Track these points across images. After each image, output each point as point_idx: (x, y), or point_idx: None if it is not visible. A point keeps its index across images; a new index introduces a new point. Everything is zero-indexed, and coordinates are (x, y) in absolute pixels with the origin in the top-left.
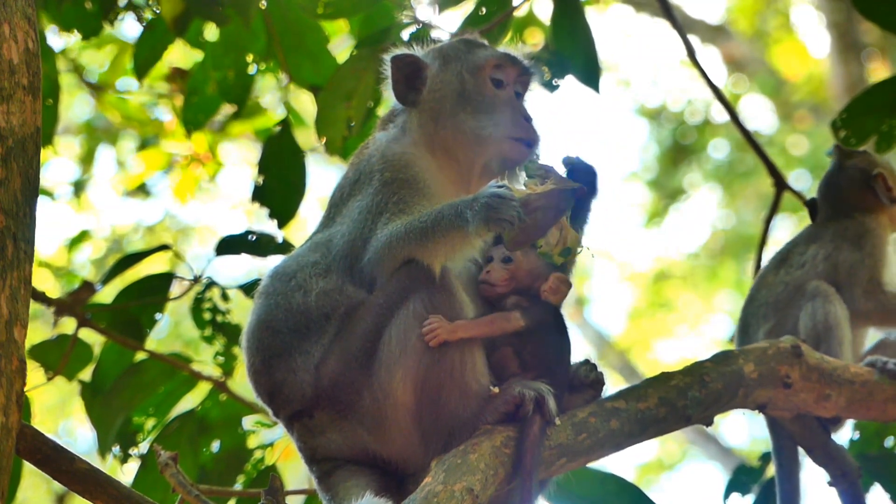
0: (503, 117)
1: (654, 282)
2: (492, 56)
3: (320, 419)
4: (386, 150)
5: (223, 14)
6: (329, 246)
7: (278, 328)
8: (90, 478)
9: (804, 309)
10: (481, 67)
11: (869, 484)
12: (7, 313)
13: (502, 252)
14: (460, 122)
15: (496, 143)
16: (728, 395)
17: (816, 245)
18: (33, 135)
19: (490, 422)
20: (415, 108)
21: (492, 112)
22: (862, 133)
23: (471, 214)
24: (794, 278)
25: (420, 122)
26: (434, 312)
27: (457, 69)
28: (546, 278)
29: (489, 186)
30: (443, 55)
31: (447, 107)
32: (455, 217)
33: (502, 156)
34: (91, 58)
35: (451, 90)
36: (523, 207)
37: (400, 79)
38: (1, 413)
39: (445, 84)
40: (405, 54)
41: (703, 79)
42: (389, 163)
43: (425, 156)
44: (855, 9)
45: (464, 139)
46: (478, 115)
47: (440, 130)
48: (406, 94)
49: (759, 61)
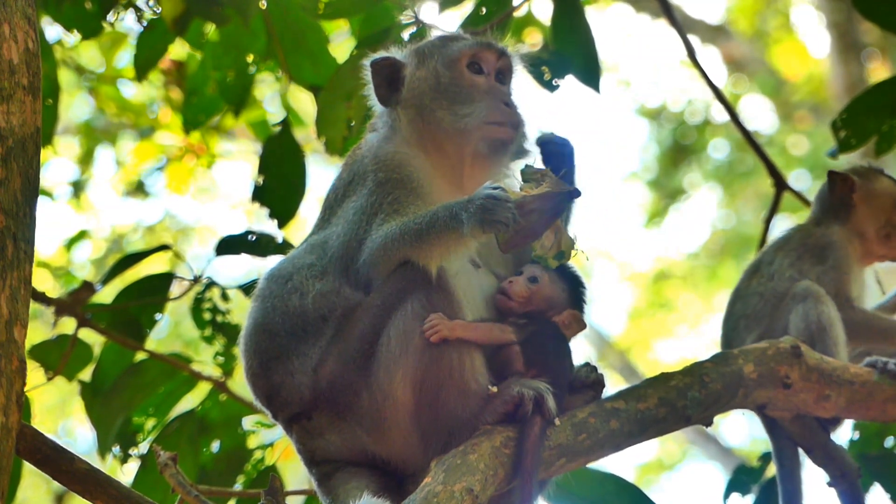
0: (481, 104)
1: (654, 282)
2: (466, 46)
3: (319, 421)
4: (378, 151)
5: (223, 14)
6: (325, 248)
7: (275, 331)
8: (90, 478)
9: (794, 311)
10: (457, 59)
11: (869, 484)
12: (7, 313)
13: (532, 271)
14: (440, 116)
15: (476, 130)
16: (728, 396)
17: (783, 253)
18: (33, 135)
19: (489, 422)
20: (397, 108)
21: (469, 101)
22: (862, 133)
23: (466, 216)
24: (767, 289)
25: (407, 121)
26: (432, 313)
27: (432, 65)
28: (561, 311)
29: (484, 188)
30: (419, 53)
31: (425, 102)
32: (450, 218)
33: (486, 140)
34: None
35: (428, 86)
36: (518, 209)
37: (380, 82)
38: (1, 413)
39: (421, 81)
40: (382, 57)
41: (704, 79)
42: (382, 163)
43: (417, 154)
44: (855, 9)
45: (446, 132)
46: (454, 107)
47: (426, 126)
48: (388, 95)
49: (759, 61)
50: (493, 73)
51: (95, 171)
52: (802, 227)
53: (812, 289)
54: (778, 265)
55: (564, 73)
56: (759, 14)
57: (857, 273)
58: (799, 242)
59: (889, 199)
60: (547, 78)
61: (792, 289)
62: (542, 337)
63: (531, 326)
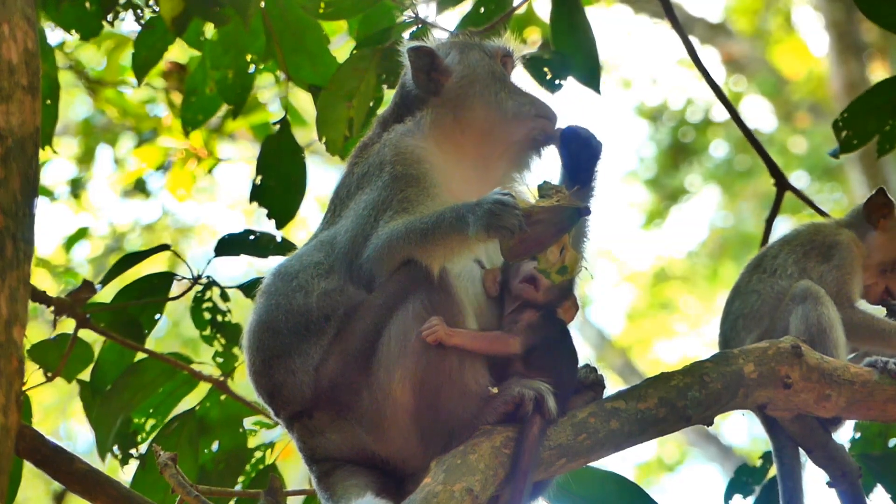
0: (533, 97)
1: (654, 282)
2: (498, 45)
3: (320, 419)
4: (399, 142)
5: (222, 14)
6: (333, 244)
7: (278, 329)
8: (90, 478)
9: (794, 312)
10: (496, 54)
11: (871, 485)
12: (6, 313)
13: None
14: (499, 100)
15: (530, 120)
16: (728, 396)
17: (789, 248)
18: (32, 135)
19: (490, 422)
20: (436, 98)
21: (523, 93)
22: (863, 133)
23: (472, 219)
24: (766, 286)
25: (436, 117)
26: (433, 313)
27: (478, 55)
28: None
29: (494, 192)
30: (458, 45)
31: (479, 89)
32: (456, 220)
33: (534, 131)
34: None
35: (483, 72)
36: (526, 218)
37: (420, 68)
38: (0, 413)
39: (475, 67)
40: (422, 45)
41: (704, 78)
42: (402, 155)
43: (438, 153)
44: (858, 8)
45: (500, 118)
46: (513, 95)
47: (463, 118)
48: (427, 84)
49: (759, 61)
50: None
51: (95, 170)
52: (816, 225)
53: (812, 289)
54: (782, 260)
55: (564, 73)
56: (759, 13)
57: (859, 279)
58: (807, 238)
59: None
60: (547, 78)
61: (791, 289)
62: (553, 341)
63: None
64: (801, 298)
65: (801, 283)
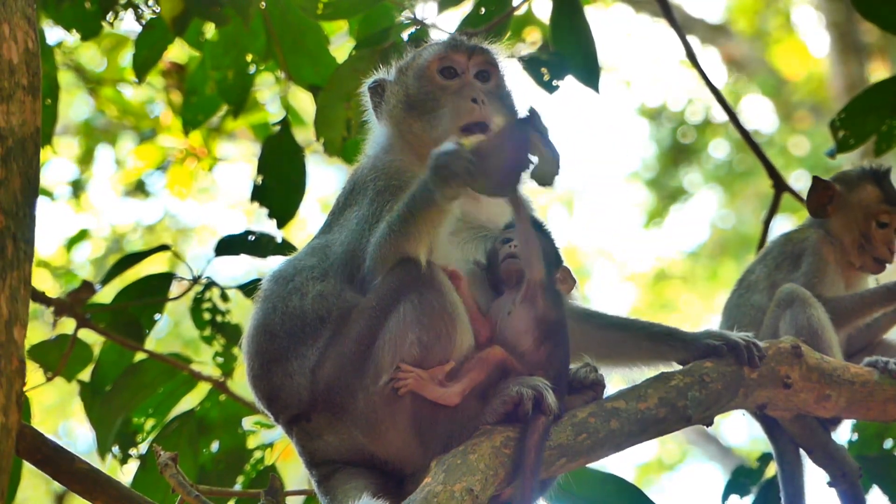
0: (448, 110)
1: (654, 282)
2: (433, 53)
3: (318, 422)
4: (376, 161)
5: (222, 14)
6: (327, 251)
7: (276, 332)
8: (90, 478)
9: (783, 318)
10: (426, 68)
11: (867, 486)
12: (7, 313)
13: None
14: (415, 129)
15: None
16: (728, 396)
17: (762, 264)
18: (33, 135)
19: (489, 422)
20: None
21: (437, 109)
22: (861, 133)
23: (431, 183)
24: (745, 300)
25: (399, 134)
26: (426, 313)
27: (403, 79)
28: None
29: (438, 148)
30: (397, 68)
31: (400, 117)
32: (420, 192)
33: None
34: (88, 53)
35: (399, 100)
36: (476, 154)
37: (374, 101)
38: (1, 413)
39: (394, 95)
40: (374, 79)
41: (703, 79)
42: (381, 171)
43: (415, 162)
44: (855, 9)
45: (422, 144)
46: (424, 118)
47: (409, 138)
48: (378, 111)
49: (759, 61)
50: (468, 72)
51: (95, 170)
52: (787, 235)
53: (797, 292)
54: (756, 276)
55: (564, 73)
56: (759, 14)
57: (833, 276)
58: (779, 251)
59: (862, 212)
60: (546, 79)
61: (777, 295)
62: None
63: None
64: (788, 303)
65: (786, 288)
